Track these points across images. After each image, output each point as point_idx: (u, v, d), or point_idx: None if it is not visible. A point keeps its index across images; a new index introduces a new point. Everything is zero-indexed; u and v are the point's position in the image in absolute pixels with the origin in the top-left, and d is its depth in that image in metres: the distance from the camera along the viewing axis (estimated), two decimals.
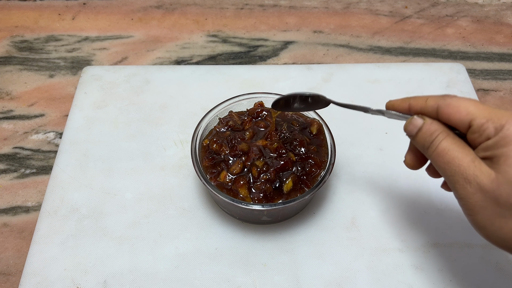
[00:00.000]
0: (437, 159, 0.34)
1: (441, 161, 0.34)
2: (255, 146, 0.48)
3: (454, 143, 0.34)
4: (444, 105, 0.34)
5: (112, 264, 0.48)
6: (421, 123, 0.36)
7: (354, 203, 0.53)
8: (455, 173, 0.33)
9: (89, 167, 0.56)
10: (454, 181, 0.33)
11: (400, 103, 0.38)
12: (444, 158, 0.33)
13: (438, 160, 0.34)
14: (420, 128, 0.36)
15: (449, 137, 0.34)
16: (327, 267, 0.48)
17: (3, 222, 0.54)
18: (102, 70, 0.68)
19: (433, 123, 0.35)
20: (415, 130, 0.36)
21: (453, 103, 0.34)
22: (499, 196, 0.30)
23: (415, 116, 0.37)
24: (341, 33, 0.77)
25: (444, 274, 0.48)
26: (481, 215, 0.32)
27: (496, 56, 0.73)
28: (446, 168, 0.33)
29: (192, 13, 0.80)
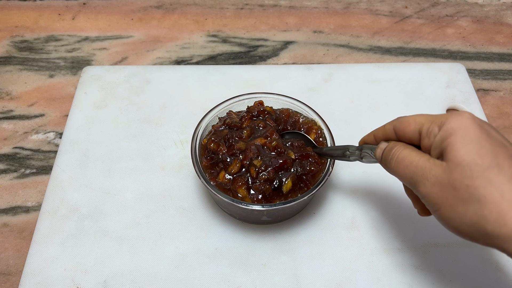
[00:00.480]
0: (398, 166, 0.37)
1: (401, 167, 0.37)
2: (253, 145, 0.48)
3: (411, 151, 0.37)
4: (398, 123, 0.39)
5: (112, 264, 0.48)
6: (385, 145, 0.40)
7: (354, 203, 0.53)
8: (414, 173, 0.35)
9: (89, 167, 0.56)
10: (414, 181, 0.35)
11: (367, 138, 0.44)
12: (403, 163, 0.37)
13: (398, 168, 0.37)
14: (384, 149, 0.40)
15: (407, 148, 0.38)
16: (327, 267, 0.48)
17: (3, 222, 0.54)
18: (102, 70, 0.68)
19: (393, 142, 0.39)
20: (381, 153, 0.40)
21: (404, 119, 0.38)
22: (453, 181, 0.32)
23: (382, 141, 0.41)
24: (341, 33, 0.77)
25: (444, 274, 0.48)
26: (444, 206, 0.33)
27: (496, 56, 0.73)
28: (406, 172, 0.36)
29: (192, 13, 0.80)
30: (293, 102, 0.54)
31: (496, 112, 0.65)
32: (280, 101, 0.55)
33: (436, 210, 0.34)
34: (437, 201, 0.34)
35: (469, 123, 0.33)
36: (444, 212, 0.33)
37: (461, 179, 0.32)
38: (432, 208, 0.35)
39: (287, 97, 0.54)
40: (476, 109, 0.63)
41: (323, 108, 0.58)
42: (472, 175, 0.31)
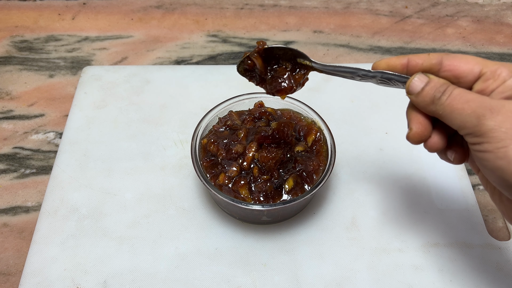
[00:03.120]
0: (453, 103, 0.33)
1: (460, 102, 0.33)
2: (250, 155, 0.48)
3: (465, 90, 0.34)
4: (450, 57, 0.35)
5: (112, 264, 0.48)
6: (427, 78, 0.36)
7: (354, 203, 0.53)
8: (477, 108, 0.32)
9: (89, 167, 0.56)
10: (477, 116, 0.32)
11: (396, 60, 0.38)
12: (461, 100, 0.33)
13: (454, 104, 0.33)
14: (427, 83, 0.35)
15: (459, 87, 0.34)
16: (327, 267, 0.48)
17: (3, 222, 0.54)
18: (102, 70, 0.68)
19: (440, 78, 0.35)
20: (421, 86, 0.36)
21: (458, 55, 0.35)
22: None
23: (419, 73, 0.36)
24: (341, 33, 0.77)
25: (444, 274, 0.48)
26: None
27: (496, 56, 0.73)
28: (466, 106, 0.32)
29: (192, 13, 0.80)
30: (293, 102, 0.54)
31: None
32: (280, 101, 0.55)
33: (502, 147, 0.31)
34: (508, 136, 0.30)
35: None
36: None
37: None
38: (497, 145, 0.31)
39: (287, 97, 0.54)
40: None
41: (323, 108, 0.58)
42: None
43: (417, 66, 0.37)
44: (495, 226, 0.53)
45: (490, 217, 0.53)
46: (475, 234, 0.50)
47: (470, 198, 0.53)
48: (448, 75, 0.35)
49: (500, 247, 0.49)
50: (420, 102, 0.36)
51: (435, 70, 0.36)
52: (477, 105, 0.32)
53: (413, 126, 0.37)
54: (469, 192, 0.54)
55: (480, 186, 0.57)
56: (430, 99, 0.35)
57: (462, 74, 0.35)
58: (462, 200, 0.53)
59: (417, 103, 0.36)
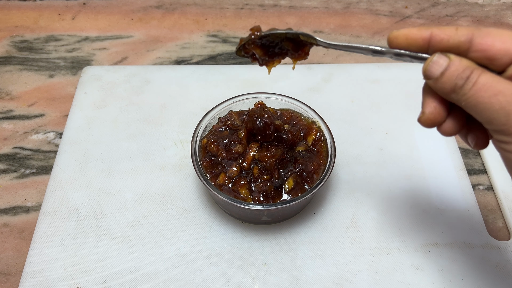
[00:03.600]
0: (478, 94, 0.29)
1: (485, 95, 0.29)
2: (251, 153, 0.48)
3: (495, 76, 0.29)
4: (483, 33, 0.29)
5: (112, 264, 0.48)
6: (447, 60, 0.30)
7: (354, 203, 0.53)
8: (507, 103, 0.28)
9: (89, 167, 0.56)
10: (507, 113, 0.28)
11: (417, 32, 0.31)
12: (489, 92, 0.28)
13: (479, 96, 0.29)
14: (447, 66, 0.30)
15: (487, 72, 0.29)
16: (327, 267, 0.48)
17: (3, 222, 0.54)
18: (102, 70, 0.68)
19: (463, 60, 0.30)
20: (441, 70, 0.30)
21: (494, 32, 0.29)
22: None
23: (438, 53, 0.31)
24: (341, 33, 0.77)
25: (444, 274, 0.48)
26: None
27: None
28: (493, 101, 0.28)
29: (192, 13, 0.80)
30: (293, 102, 0.54)
31: None
32: (280, 101, 0.55)
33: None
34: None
35: None
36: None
37: None
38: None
39: (287, 97, 0.54)
40: None
41: (323, 108, 0.58)
42: None
43: (442, 42, 0.31)
44: (495, 226, 0.53)
45: (490, 217, 0.53)
46: (475, 234, 0.50)
47: (470, 198, 0.53)
48: (478, 56, 0.30)
49: (500, 247, 0.49)
50: (439, 89, 0.31)
51: (464, 49, 0.30)
52: (507, 99, 0.28)
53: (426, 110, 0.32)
54: (469, 192, 0.54)
55: (480, 186, 0.57)
56: (451, 86, 0.30)
57: (496, 55, 0.29)
58: (462, 200, 0.53)
59: (436, 89, 0.31)
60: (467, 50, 0.30)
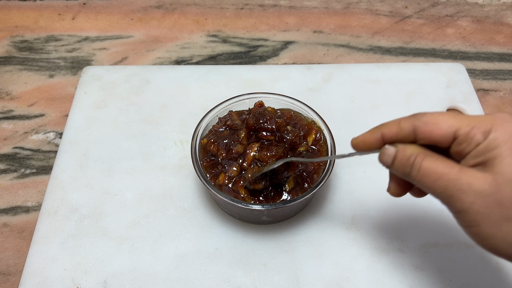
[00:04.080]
0: (423, 180, 0.33)
1: (428, 181, 0.32)
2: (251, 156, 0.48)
3: (436, 160, 0.33)
4: (421, 124, 0.33)
5: (112, 264, 0.48)
6: (394, 150, 0.35)
7: (354, 203, 0.53)
8: (446, 188, 0.31)
9: (89, 167, 0.56)
10: (447, 196, 0.32)
11: (370, 137, 0.37)
12: (431, 177, 0.32)
13: (424, 181, 0.33)
14: (395, 156, 0.35)
15: (429, 156, 0.33)
16: (327, 267, 0.48)
17: (3, 222, 0.54)
18: (102, 70, 0.68)
19: (406, 147, 0.34)
20: (390, 160, 0.35)
21: (431, 120, 0.33)
22: (502, 197, 0.29)
23: (386, 146, 0.36)
24: (341, 33, 0.77)
25: (444, 274, 0.48)
26: (486, 223, 0.30)
27: (496, 56, 0.73)
28: (435, 186, 0.32)
29: (192, 13, 0.80)
30: (293, 102, 0.54)
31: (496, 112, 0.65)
32: (280, 101, 0.55)
33: (474, 226, 0.31)
34: (477, 217, 0.30)
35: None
36: (484, 229, 0.30)
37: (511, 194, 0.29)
38: (469, 224, 0.31)
39: (287, 97, 0.54)
40: (476, 109, 0.63)
41: (323, 108, 0.58)
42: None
43: (392, 138, 0.35)
44: None
45: None
46: None
47: None
48: (425, 142, 0.34)
49: None
50: (395, 173, 0.36)
51: (411, 140, 0.34)
52: (446, 184, 0.31)
53: (391, 186, 0.38)
54: None
55: None
56: (402, 172, 0.35)
57: (437, 140, 0.33)
58: None
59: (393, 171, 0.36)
60: (415, 139, 0.34)
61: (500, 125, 0.31)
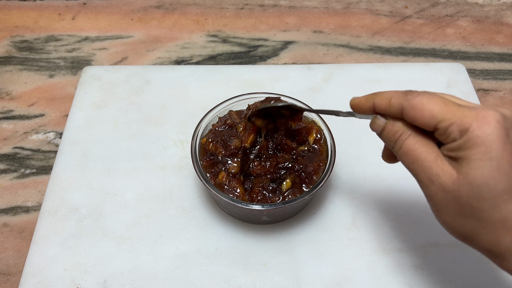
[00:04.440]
0: (402, 158, 0.35)
1: (406, 160, 0.35)
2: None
3: (418, 141, 0.34)
4: (409, 107, 0.34)
5: (112, 264, 0.48)
6: (383, 122, 0.37)
7: (354, 203, 0.53)
8: (419, 171, 0.34)
9: (89, 167, 0.56)
10: (419, 179, 0.34)
11: (364, 103, 0.38)
12: (409, 158, 0.34)
13: (403, 159, 0.35)
14: (383, 128, 0.37)
15: (412, 136, 0.34)
16: (327, 267, 0.48)
17: (3, 222, 0.54)
18: (102, 70, 0.68)
19: (395, 123, 0.35)
20: (379, 130, 0.37)
21: (417, 106, 0.33)
22: (459, 196, 0.31)
23: (378, 116, 0.37)
24: (341, 33, 0.77)
25: (444, 274, 0.48)
26: (444, 212, 0.33)
27: (496, 56, 0.73)
28: (411, 167, 0.34)
29: (192, 13, 0.80)
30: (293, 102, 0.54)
31: None
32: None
33: (435, 211, 0.34)
34: (438, 205, 0.33)
35: (495, 136, 0.30)
36: (442, 216, 0.33)
37: (467, 197, 0.31)
38: (432, 208, 0.34)
39: (287, 97, 0.54)
40: None
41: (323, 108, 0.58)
42: (481, 197, 0.30)
43: (382, 112, 0.37)
44: None
45: None
46: None
47: None
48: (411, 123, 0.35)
49: None
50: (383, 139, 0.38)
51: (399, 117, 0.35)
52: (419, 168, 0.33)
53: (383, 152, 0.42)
54: None
55: None
56: (387, 144, 0.37)
57: (421, 125, 0.34)
58: None
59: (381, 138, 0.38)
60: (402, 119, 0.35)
61: (478, 126, 0.31)
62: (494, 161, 0.30)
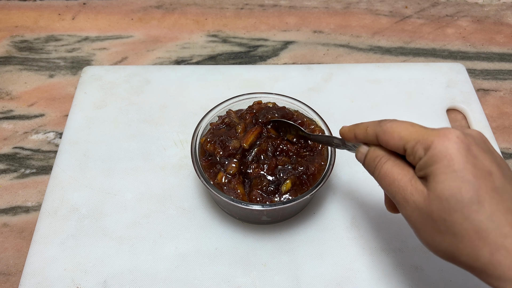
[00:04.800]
0: (381, 181, 0.37)
1: (385, 183, 0.36)
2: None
3: (395, 165, 0.36)
4: (381, 132, 0.37)
5: (112, 264, 0.48)
6: (366, 150, 0.39)
7: (354, 203, 0.53)
8: (396, 193, 0.35)
9: (89, 167, 0.56)
10: (396, 201, 0.35)
11: (348, 133, 0.41)
12: (387, 180, 0.36)
13: (382, 182, 0.37)
14: (366, 155, 0.39)
15: (390, 160, 0.36)
16: (327, 267, 0.48)
17: (3, 222, 0.54)
18: (102, 70, 0.68)
19: (376, 149, 0.38)
20: (362, 158, 0.40)
21: (388, 130, 0.36)
22: (431, 212, 0.32)
23: (361, 145, 0.40)
24: (341, 33, 0.77)
25: (444, 274, 0.48)
26: (423, 231, 0.33)
27: (496, 56, 0.73)
28: (389, 189, 0.36)
29: (192, 13, 0.80)
30: (293, 102, 0.54)
31: (496, 112, 0.65)
32: (280, 101, 0.55)
33: (416, 231, 0.35)
34: (416, 225, 0.34)
35: (456, 150, 0.31)
36: (422, 235, 0.34)
37: (439, 212, 0.31)
38: (412, 229, 0.35)
39: (287, 97, 0.54)
40: (476, 109, 0.63)
41: (323, 108, 0.58)
42: (450, 209, 0.31)
43: (362, 141, 0.40)
44: None
45: None
46: None
47: None
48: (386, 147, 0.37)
49: None
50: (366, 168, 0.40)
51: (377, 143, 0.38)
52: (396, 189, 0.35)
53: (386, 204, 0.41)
54: None
55: None
56: (369, 171, 0.39)
57: (393, 149, 0.36)
58: None
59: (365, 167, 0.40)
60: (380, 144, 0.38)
61: (439, 142, 0.32)
62: (458, 173, 0.31)
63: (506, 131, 0.63)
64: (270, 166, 0.47)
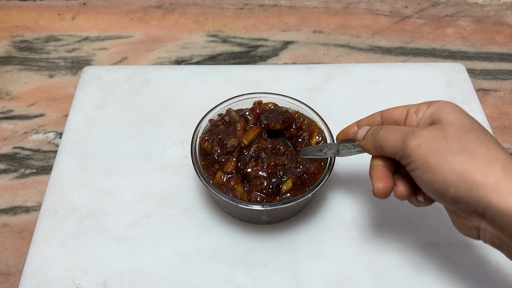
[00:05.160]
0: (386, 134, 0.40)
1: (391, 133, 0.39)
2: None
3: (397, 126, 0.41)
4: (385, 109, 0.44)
5: (112, 264, 0.48)
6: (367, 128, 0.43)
7: (354, 203, 0.53)
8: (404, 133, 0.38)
9: (89, 167, 0.56)
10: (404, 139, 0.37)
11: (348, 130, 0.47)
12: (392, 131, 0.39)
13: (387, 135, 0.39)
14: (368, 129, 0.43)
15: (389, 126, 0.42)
16: (327, 267, 0.48)
17: (3, 222, 0.54)
18: (102, 70, 0.68)
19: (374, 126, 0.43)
20: (364, 132, 0.43)
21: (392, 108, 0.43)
22: (446, 134, 0.35)
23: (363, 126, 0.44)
24: (341, 33, 0.77)
25: (444, 274, 0.48)
26: (434, 156, 0.35)
27: (496, 56, 0.73)
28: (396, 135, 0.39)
29: (192, 13, 0.80)
30: (293, 102, 0.54)
31: (496, 112, 0.65)
32: (280, 101, 0.55)
33: (425, 162, 0.35)
34: (427, 152, 0.35)
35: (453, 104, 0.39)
36: (433, 162, 0.35)
37: (454, 132, 0.35)
38: (421, 161, 0.36)
39: (287, 97, 0.54)
40: (476, 109, 0.63)
41: (323, 108, 0.58)
42: (464, 130, 0.35)
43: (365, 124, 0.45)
44: None
45: None
46: None
47: None
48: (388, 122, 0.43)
49: None
50: (366, 144, 0.42)
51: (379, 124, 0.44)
52: (403, 132, 0.38)
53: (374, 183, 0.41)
54: None
55: None
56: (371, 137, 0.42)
57: (396, 119, 0.42)
58: None
59: (364, 145, 0.43)
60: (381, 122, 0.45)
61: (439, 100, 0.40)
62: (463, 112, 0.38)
63: (506, 131, 0.63)
64: (269, 165, 0.47)
